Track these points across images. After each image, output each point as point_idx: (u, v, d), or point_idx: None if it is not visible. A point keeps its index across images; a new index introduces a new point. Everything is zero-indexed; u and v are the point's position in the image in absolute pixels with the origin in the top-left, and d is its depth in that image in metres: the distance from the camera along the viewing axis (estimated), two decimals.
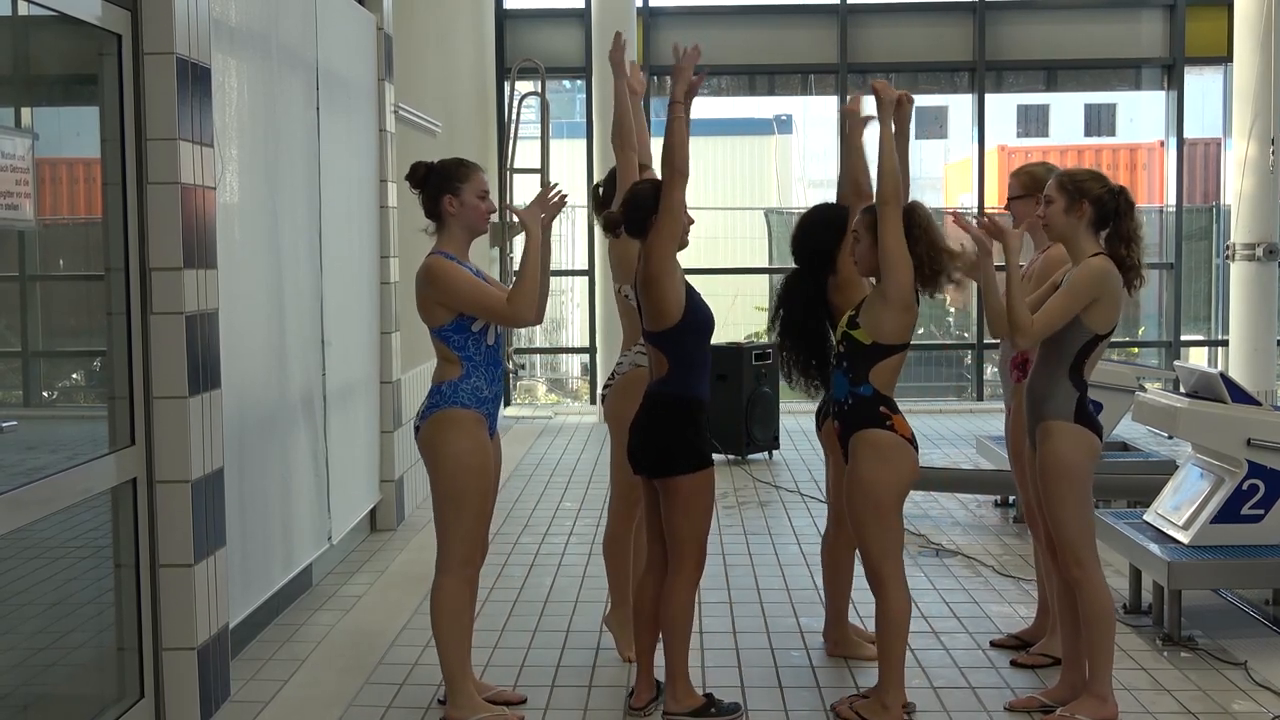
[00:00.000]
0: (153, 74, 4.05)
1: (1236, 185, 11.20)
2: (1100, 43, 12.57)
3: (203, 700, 4.23)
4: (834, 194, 5.00)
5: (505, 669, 4.82)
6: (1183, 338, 12.87)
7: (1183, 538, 5.20)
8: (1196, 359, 13.16)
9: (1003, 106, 23.01)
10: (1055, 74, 13.26)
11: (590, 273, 12.44)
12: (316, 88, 5.93)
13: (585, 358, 13.46)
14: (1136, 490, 6.71)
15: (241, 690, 4.59)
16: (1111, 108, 26.95)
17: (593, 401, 12.31)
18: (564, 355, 15.48)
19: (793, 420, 10.40)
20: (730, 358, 9.19)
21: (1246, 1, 11.09)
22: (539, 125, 11.34)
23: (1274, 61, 10.85)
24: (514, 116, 11.30)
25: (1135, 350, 13.40)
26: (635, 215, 4.24)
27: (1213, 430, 5.24)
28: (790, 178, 22.21)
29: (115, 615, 4.10)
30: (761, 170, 20.69)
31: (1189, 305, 13.06)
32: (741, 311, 13.35)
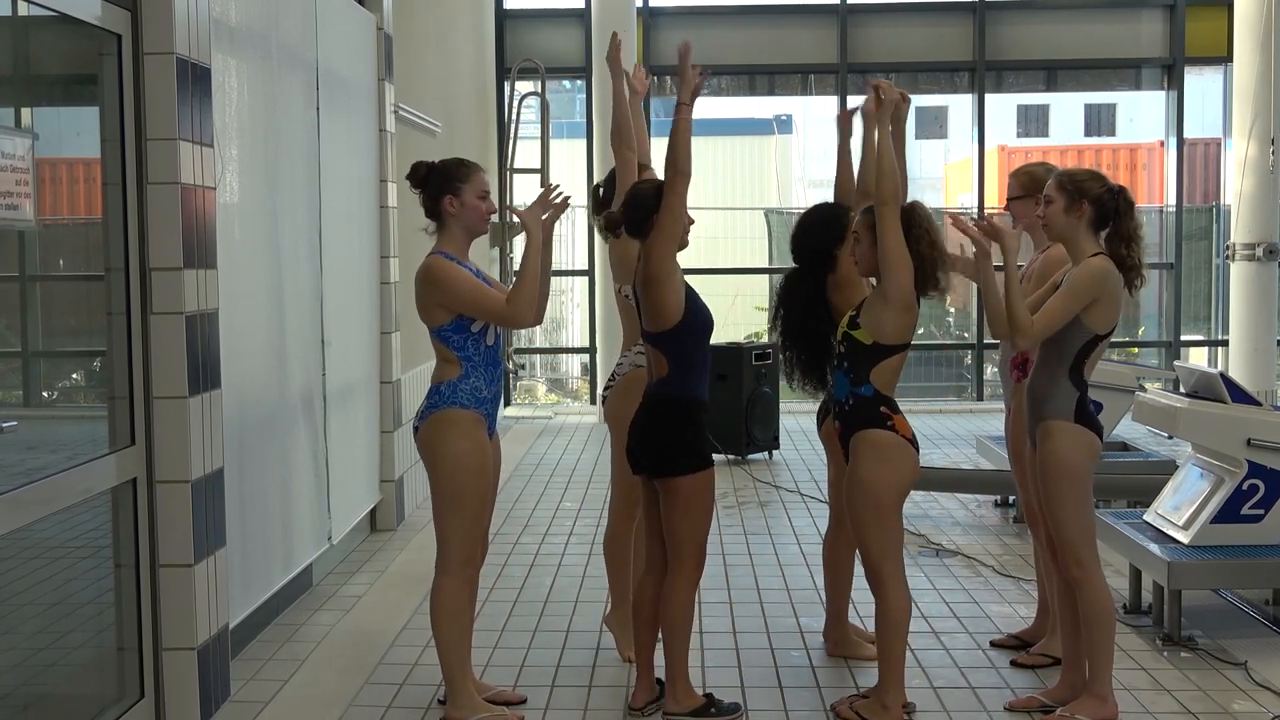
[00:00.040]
0: (153, 74, 4.05)
1: (1236, 185, 11.19)
2: (1100, 43, 12.57)
3: (203, 700, 4.23)
4: (833, 194, 5.00)
5: (505, 669, 4.82)
6: (1183, 338, 12.87)
7: (1183, 538, 5.20)
8: (1196, 359, 13.16)
9: (1003, 106, 23.00)
10: (1055, 74, 13.25)
11: (590, 273, 12.44)
12: (316, 88, 5.93)
13: (585, 358, 13.46)
14: (1136, 490, 6.71)
15: (241, 690, 4.59)
16: (1111, 108, 26.95)
17: (593, 401, 12.31)
18: (564, 355, 15.48)
19: (793, 420, 10.40)
20: (730, 358, 9.19)
21: (1246, 1, 11.09)
22: (539, 125, 11.33)
23: (1274, 61, 10.84)
24: (514, 116, 11.30)
25: (1135, 350, 13.39)
26: (635, 215, 4.24)
27: (1213, 430, 5.25)
28: (790, 178, 22.22)
29: (115, 615, 4.10)
30: (761, 170, 20.70)
31: (1189, 305, 13.06)
32: (741, 311, 13.36)
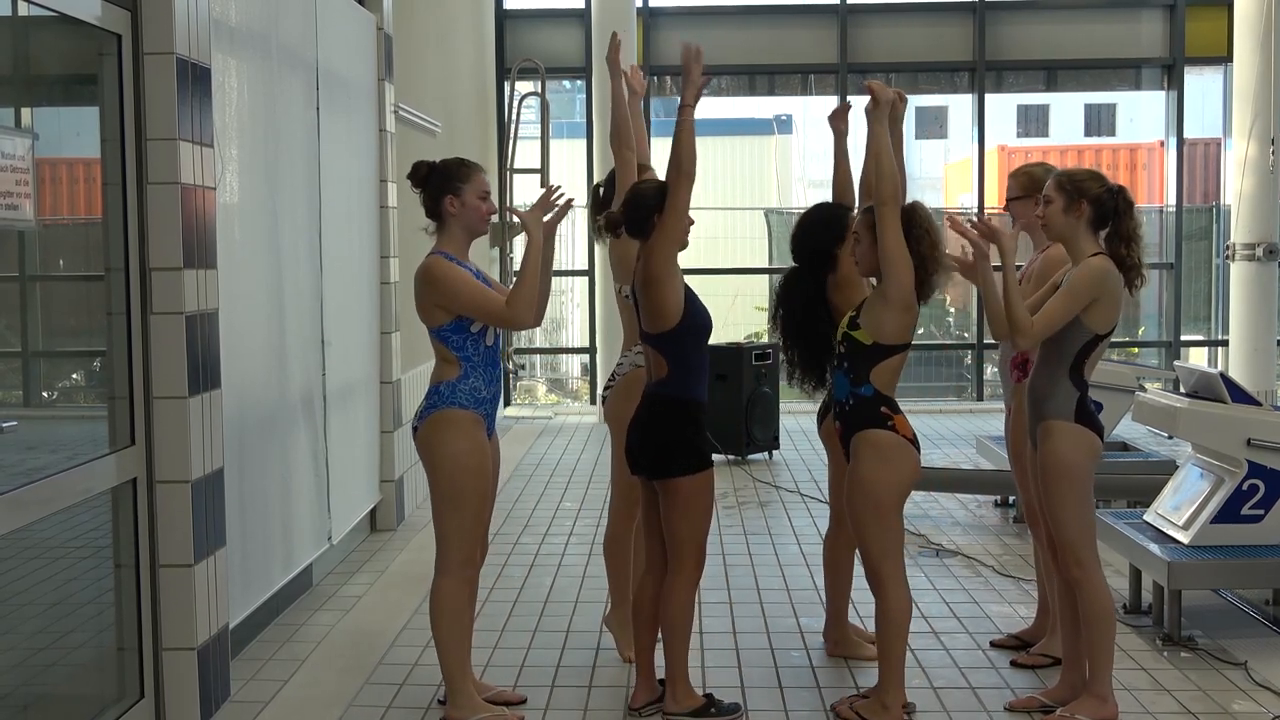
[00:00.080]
0: (153, 74, 4.05)
1: (1236, 185, 11.19)
2: (1100, 43, 12.57)
3: (203, 700, 4.23)
4: (831, 193, 5.00)
5: (505, 669, 4.82)
6: (1183, 338, 12.87)
7: (1183, 538, 5.20)
8: (1196, 359, 13.16)
9: (1003, 106, 23.01)
10: (1055, 74, 13.25)
11: (590, 273, 12.44)
12: (316, 88, 5.93)
13: (585, 358, 13.46)
14: (1136, 490, 6.71)
15: (241, 690, 4.59)
16: (1111, 108, 26.96)
17: (593, 401, 12.31)
18: (564, 355, 15.48)
19: (793, 420, 10.40)
20: (730, 358, 9.19)
21: (1246, 1, 11.09)
22: (539, 125, 11.33)
23: (1274, 61, 10.85)
24: (514, 116, 11.30)
25: (1135, 350, 13.39)
26: (636, 215, 4.23)
27: (1213, 430, 5.24)
28: (790, 178, 22.23)
29: (115, 615, 4.10)
30: (761, 170, 20.70)
31: (1189, 305, 13.06)
32: (741, 311, 13.36)
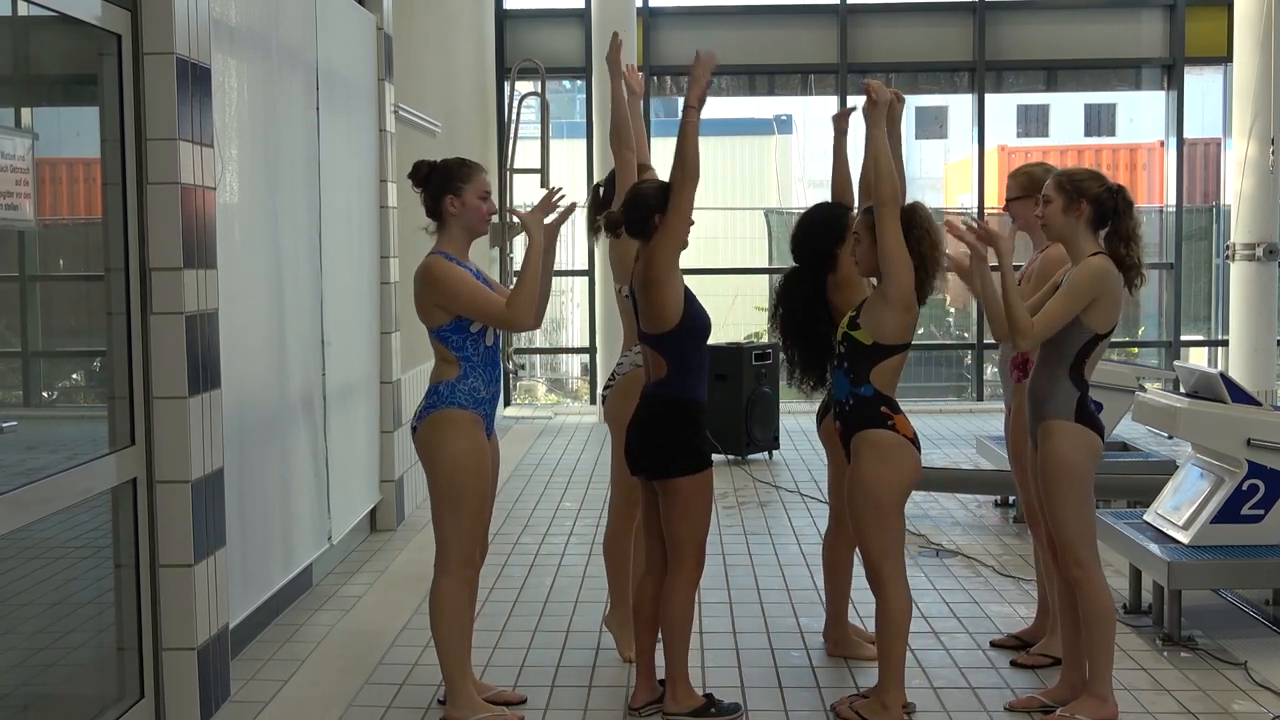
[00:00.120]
0: (153, 74, 4.05)
1: (1236, 185, 11.19)
2: (1100, 43, 12.57)
3: (203, 700, 4.23)
4: (830, 193, 5.00)
5: (505, 669, 4.82)
6: (1183, 338, 12.87)
7: (1183, 538, 5.20)
8: (1196, 359, 13.16)
9: (1003, 106, 23.02)
10: (1055, 74, 13.25)
11: (590, 273, 12.44)
12: (316, 88, 5.93)
13: (585, 358, 13.46)
14: (1136, 490, 6.71)
15: (241, 690, 4.59)
16: (1111, 108, 26.96)
17: (593, 401, 12.31)
18: (564, 355, 15.48)
19: (793, 420, 10.40)
20: (730, 358, 9.18)
21: (1246, 1, 11.09)
22: (539, 125, 11.33)
23: (1274, 61, 10.85)
24: (514, 117, 11.29)
25: (1135, 350, 13.39)
26: (636, 215, 4.23)
27: (1213, 430, 5.24)
28: (790, 178, 22.22)
29: (115, 615, 4.10)
30: (761, 170, 20.70)
31: (1189, 305, 13.06)
32: (741, 311, 13.35)
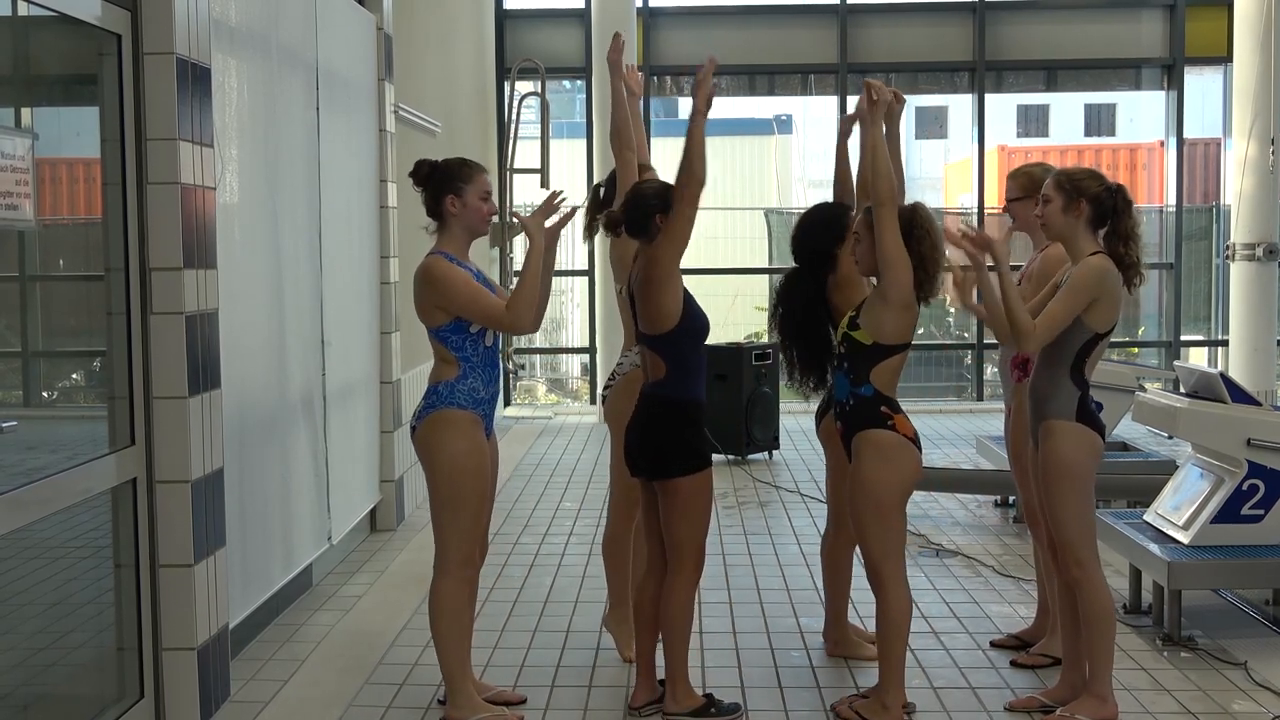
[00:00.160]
0: (153, 74, 4.05)
1: (1236, 185, 11.19)
2: (1100, 43, 12.57)
3: (203, 700, 4.23)
4: (833, 192, 5.00)
5: (505, 669, 4.82)
6: (1183, 338, 12.87)
7: (1183, 538, 5.20)
8: (1196, 359, 13.16)
9: (1003, 106, 23.03)
10: (1055, 74, 13.25)
11: (590, 273, 12.44)
12: (316, 88, 5.93)
13: (585, 358, 13.46)
14: (1136, 490, 6.71)
15: (241, 690, 4.59)
16: (1111, 108, 26.98)
17: (593, 401, 12.31)
18: (564, 355, 15.48)
19: (793, 420, 10.40)
20: (730, 358, 9.18)
21: (1246, 1, 11.09)
22: (539, 125, 11.32)
23: (1274, 61, 10.85)
24: (514, 116, 11.29)
25: (1135, 350, 13.40)
26: (636, 215, 4.23)
27: (1213, 430, 5.24)
28: (790, 178, 22.22)
29: (115, 615, 4.10)
30: (761, 170, 20.70)
31: (1189, 305, 13.06)
32: (741, 311, 13.35)
